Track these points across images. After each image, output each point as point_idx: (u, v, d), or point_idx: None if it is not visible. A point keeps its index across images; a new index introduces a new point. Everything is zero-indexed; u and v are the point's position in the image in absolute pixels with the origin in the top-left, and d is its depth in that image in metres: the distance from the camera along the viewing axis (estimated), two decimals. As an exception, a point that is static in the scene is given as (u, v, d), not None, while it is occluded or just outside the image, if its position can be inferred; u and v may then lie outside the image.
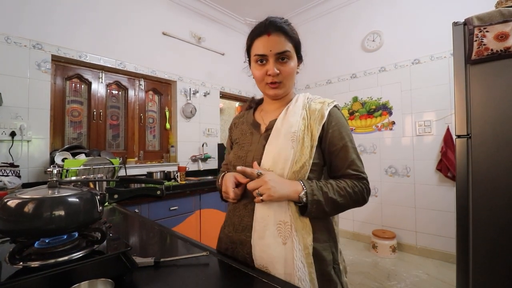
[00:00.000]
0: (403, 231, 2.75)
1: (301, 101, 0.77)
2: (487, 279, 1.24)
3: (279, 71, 0.72)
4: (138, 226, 1.15)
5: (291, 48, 0.73)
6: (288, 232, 0.66)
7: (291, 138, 0.70)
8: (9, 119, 1.88)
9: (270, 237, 0.67)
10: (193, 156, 3.11)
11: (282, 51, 0.71)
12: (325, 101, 0.76)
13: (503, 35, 1.19)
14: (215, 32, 3.45)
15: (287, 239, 0.66)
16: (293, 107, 0.76)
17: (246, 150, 0.78)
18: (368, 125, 3.04)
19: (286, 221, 0.66)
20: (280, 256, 0.65)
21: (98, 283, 0.51)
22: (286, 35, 0.72)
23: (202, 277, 0.63)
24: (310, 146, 0.70)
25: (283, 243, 0.66)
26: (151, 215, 2.05)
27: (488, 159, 1.26)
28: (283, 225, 0.66)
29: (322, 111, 0.73)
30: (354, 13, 3.16)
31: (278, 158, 0.70)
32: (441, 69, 2.51)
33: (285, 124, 0.73)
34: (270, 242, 0.66)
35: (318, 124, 0.71)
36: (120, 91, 2.70)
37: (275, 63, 0.72)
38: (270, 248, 0.66)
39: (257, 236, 0.68)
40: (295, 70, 0.76)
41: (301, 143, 0.69)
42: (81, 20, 2.27)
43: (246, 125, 0.85)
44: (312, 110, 0.74)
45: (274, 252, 0.65)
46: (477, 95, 1.30)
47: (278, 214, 0.67)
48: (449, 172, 2.39)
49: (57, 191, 0.61)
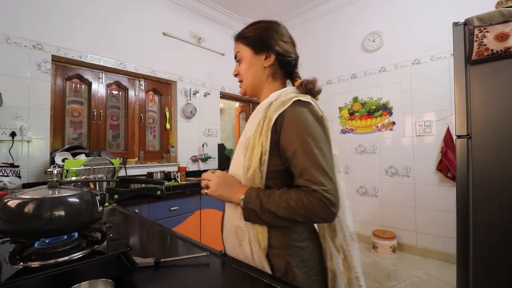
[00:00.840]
0: (403, 231, 2.75)
1: (266, 101, 0.72)
2: (487, 279, 1.24)
3: (237, 72, 0.81)
4: (138, 226, 1.15)
5: (244, 49, 0.78)
6: (242, 235, 0.69)
7: (244, 145, 0.70)
8: (9, 119, 1.88)
9: (230, 237, 0.73)
10: (193, 156, 3.11)
11: (235, 54, 0.81)
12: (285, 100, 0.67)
13: (503, 35, 1.19)
14: (215, 32, 3.45)
15: (242, 241, 0.69)
16: (257, 110, 0.73)
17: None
18: (368, 125, 3.04)
19: (241, 225, 0.69)
20: (240, 255, 0.71)
21: (98, 283, 0.51)
22: (239, 40, 0.80)
23: (202, 277, 0.63)
24: (260, 153, 0.65)
25: (239, 244, 0.70)
26: (151, 215, 2.05)
27: (488, 159, 1.25)
28: (238, 229, 0.70)
29: (271, 114, 0.66)
30: (354, 13, 3.17)
31: (234, 164, 0.73)
32: (441, 69, 2.51)
33: (245, 130, 0.74)
34: (231, 241, 0.73)
35: (267, 129, 0.65)
36: (120, 91, 2.70)
37: (237, 67, 0.81)
38: (231, 245, 0.73)
39: (225, 233, 0.77)
40: (251, 65, 0.77)
41: (250, 149, 0.67)
42: (81, 21, 2.28)
43: None
44: (270, 111, 0.67)
45: (235, 250, 0.72)
46: (477, 95, 1.30)
47: (235, 218, 0.70)
48: (449, 173, 2.39)
49: (57, 191, 0.61)
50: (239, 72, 0.80)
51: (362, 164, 3.09)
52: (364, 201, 3.06)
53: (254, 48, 0.76)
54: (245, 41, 0.78)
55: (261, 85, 0.79)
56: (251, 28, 0.79)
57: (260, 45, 0.76)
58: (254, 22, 0.81)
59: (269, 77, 0.78)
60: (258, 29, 0.78)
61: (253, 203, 0.63)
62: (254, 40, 0.77)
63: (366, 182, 3.05)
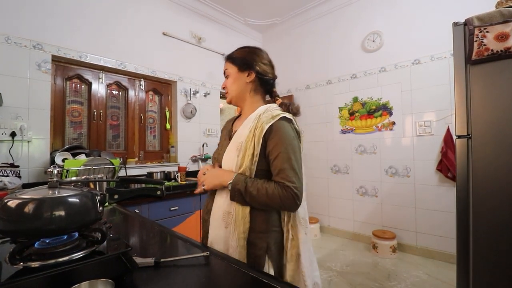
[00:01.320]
0: (403, 232, 2.75)
1: (255, 114, 0.91)
2: (487, 279, 1.24)
3: (225, 85, 0.99)
4: (138, 227, 1.15)
5: (230, 66, 0.97)
6: (230, 219, 0.85)
7: (236, 147, 0.88)
8: (10, 120, 1.88)
9: (218, 221, 0.88)
10: (193, 156, 3.11)
11: (224, 71, 0.99)
12: (275, 115, 0.85)
13: (503, 36, 1.19)
14: (215, 32, 3.45)
15: (228, 225, 0.85)
16: (247, 120, 0.92)
17: (218, 152, 0.99)
18: (368, 126, 3.04)
19: (229, 211, 0.85)
20: (221, 236, 0.85)
21: (98, 283, 0.51)
22: (228, 60, 0.98)
23: (202, 278, 0.63)
24: (252, 154, 0.83)
25: (225, 227, 0.85)
26: (151, 215, 2.05)
27: (488, 159, 1.25)
28: (227, 214, 0.86)
29: (262, 125, 0.84)
30: (354, 13, 3.17)
31: (227, 162, 0.89)
32: (441, 69, 2.51)
33: (237, 135, 0.91)
34: (217, 225, 0.87)
35: (258, 136, 0.84)
36: (120, 91, 2.70)
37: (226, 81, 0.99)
38: (217, 229, 0.87)
39: (212, 218, 0.90)
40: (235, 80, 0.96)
41: (243, 151, 0.85)
42: (81, 21, 2.28)
43: (226, 131, 1.05)
44: (260, 122, 0.86)
45: (219, 232, 0.86)
46: (478, 96, 1.30)
47: (225, 205, 0.86)
48: (449, 173, 2.39)
49: (58, 191, 0.61)
50: (226, 85, 0.98)
51: (362, 164, 3.09)
52: (364, 201, 3.06)
53: (239, 66, 0.95)
54: (232, 61, 0.96)
55: (243, 97, 0.97)
56: (239, 51, 0.99)
57: (244, 64, 0.95)
58: (242, 47, 1.00)
59: (251, 91, 0.97)
60: (244, 52, 0.97)
61: (240, 184, 0.81)
62: (239, 60, 0.95)
63: (366, 182, 3.05)
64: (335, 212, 3.34)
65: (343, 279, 2.19)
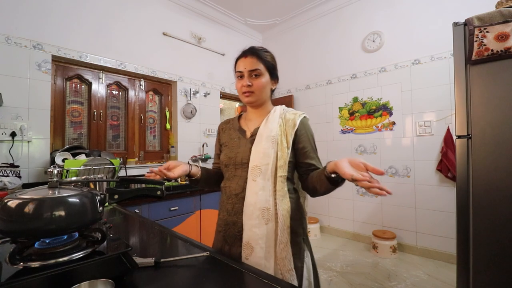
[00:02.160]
0: (403, 232, 2.75)
1: (278, 111, 0.98)
2: (487, 279, 1.24)
3: (251, 84, 0.93)
4: (138, 227, 1.15)
5: (263, 68, 0.95)
6: (270, 215, 0.85)
7: (271, 141, 0.90)
8: (10, 120, 1.88)
9: (256, 219, 0.85)
10: (194, 157, 3.11)
11: (253, 69, 0.93)
12: (297, 113, 0.96)
13: (504, 36, 1.19)
14: (215, 32, 3.45)
15: (268, 221, 0.84)
16: (272, 116, 0.96)
17: (235, 152, 0.97)
18: (368, 126, 3.04)
19: (268, 207, 0.85)
20: (262, 233, 0.84)
21: (98, 283, 0.51)
22: (259, 58, 0.94)
23: (202, 278, 0.63)
24: (287, 147, 0.90)
25: (265, 223, 0.84)
26: (152, 215, 2.05)
27: (488, 159, 1.25)
28: (266, 210, 0.85)
29: (294, 121, 0.93)
30: (354, 13, 3.17)
31: (263, 156, 0.89)
32: (442, 69, 2.50)
33: (266, 130, 0.93)
34: (256, 223, 0.85)
35: (291, 130, 0.92)
36: (121, 92, 2.70)
37: (249, 78, 0.94)
38: (255, 227, 0.85)
39: (247, 218, 0.87)
40: (267, 85, 0.96)
41: (280, 144, 0.90)
42: (82, 21, 2.28)
43: (233, 131, 1.04)
44: (287, 119, 0.94)
45: (258, 230, 0.84)
46: (478, 96, 1.30)
47: (262, 202, 0.86)
48: (450, 173, 2.39)
49: (58, 191, 0.61)
50: (253, 84, 0.94)
51: (362, 164, 3.08)
52: (364, 201, 3.06)
53: (271, 73, 0.98)
54: (265, 64, 0.95)
55: (265, 100, 1.01)
56: (269, 55, 0.99)
57: (274, 73, 1.00)
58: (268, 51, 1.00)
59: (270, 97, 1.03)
60: (273, 59, 1.01)
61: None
62: (272, 68, 0.98)
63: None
64: (335, 212, 3.34)
65: (343, 279, 2.19)
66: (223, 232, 0.94)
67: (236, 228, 0.90)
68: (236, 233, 0.90)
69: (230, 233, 0.92)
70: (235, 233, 0.90)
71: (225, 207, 0.95)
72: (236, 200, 0.92)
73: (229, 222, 0.93)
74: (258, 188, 0.86)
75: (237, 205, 0.91)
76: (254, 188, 0.87)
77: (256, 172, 0.88)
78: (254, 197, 0.87)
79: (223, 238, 0.94)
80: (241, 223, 0.88)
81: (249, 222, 0.86)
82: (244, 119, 1.06)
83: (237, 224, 0.90)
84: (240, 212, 0.89)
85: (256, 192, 0.86)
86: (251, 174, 0.88)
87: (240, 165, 0.93)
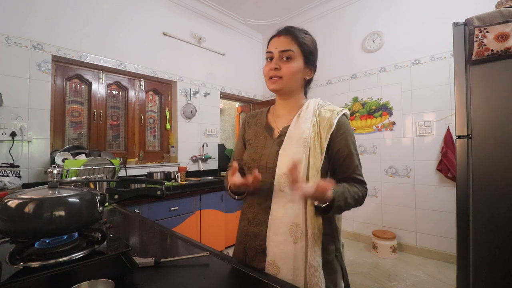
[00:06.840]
0: (403, 232, 2.75)
1: (311, 107, 0.82)
2: (487, 279, 1.24)
3: (280, 67, 0.78)
4: (138, 227, 1.15)
5: (297, 50, 0.79)
6: (299, 233, 0.72)
7: (302, 144, 0.76)
8: (10, 120, 1.88)
9: (283, 235, 0.74)
10: (194, 157, 3.11)
11: (285, 49, 0.78)
12: (334, 110, 0.81)
13: (503, 36, 1.19)
14: (215, 32, 3.45)
15: (298, 239, 0.72)
16: (304, 113, 0.81)
17: (259, 153, 0.84)
18: (368, 126, 3.04)
19: (298, 223, 0.73)
20: (290, 252, 0.72)
21: (98, 283, 0.51)
22: (294, 39, 0.79)
23: (202, 278, 0.63)
24: (320, 152, 0.76)
25: (294, 242, 0.72)
26: (152, 215, 2.05)
27: (488, 159, 1.25)
28: (295, 226, 0.73)
29: (331, 120, 0.78)
30: (354, 13, 3.17)
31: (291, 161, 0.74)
32: (442, 69, 2.50)
33: (297, 131, 0.79)
34: (282, 239, 0.73)
35: (327, 133, 0.77)
36: (121, 92, 2.70)
37: (278, 61, 0.79)
38: (282, 244, 0.73)
39: (272, 232, 0.75)
40: (298, 71, 0.80)
41: (312, 149, 0.76)
42: (82, 21, 2.28)
43: (260, 128, 0.90)
44: (322, 117, 0.80)
45: (285, 248, 0.73)
46: (478, 96, 1.30)
47: (291, 216, 0.73)
48: (450, 173, 2.39)
49: (58, 191, 0.61)
50: (281, 68, 0.79)
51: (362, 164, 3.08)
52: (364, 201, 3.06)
53: (306, 59, 0.81)
54: (300, 47, 0.80)
55: (295, 90, 0.85)
56: (308, 38, 0.83)
57: (311, 60, 0.83)
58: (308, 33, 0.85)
59: (302, 87, 0.87)
60: (314, 43, 0.84)
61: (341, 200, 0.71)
62: (309, 52, 0.82)
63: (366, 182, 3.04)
64: (335, 212, 3.34)
65: (343, 279, 2.19)
66: (243, 243, 0.85)
67: (257, 241, 0.80)
68: (257, 246, 0.79)
69: (250, 246, 0.82)
70: (255, 246, 0.80)
71: (246, 216, 0.85)
72: (258, 209, 0.81)
73: (250, 233, 0.82)
74: (287, 200, 0.74)
75: (259, 215, 0.81)
76: (282, 199, 0.75)
77: (284, 181, 0.74)
78: (281, 210, 0.75)
79: (244, 250, 0.84)
80: (263, 236, 0.78)
81: (275, 238, 0.75)
82: (273, 114, 0.91)
83: (258, 237, 0.79)
84: (262, 224, 0.79)
85: (283, 204, 0.75)
86: (278, 183, 0.75)
87: (264, 170, 0.80)
